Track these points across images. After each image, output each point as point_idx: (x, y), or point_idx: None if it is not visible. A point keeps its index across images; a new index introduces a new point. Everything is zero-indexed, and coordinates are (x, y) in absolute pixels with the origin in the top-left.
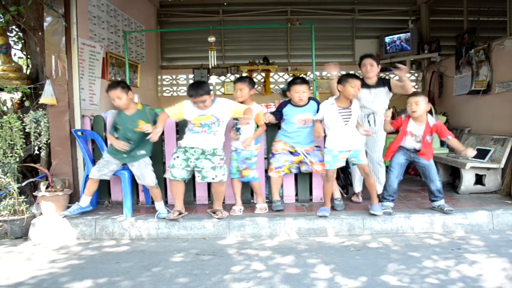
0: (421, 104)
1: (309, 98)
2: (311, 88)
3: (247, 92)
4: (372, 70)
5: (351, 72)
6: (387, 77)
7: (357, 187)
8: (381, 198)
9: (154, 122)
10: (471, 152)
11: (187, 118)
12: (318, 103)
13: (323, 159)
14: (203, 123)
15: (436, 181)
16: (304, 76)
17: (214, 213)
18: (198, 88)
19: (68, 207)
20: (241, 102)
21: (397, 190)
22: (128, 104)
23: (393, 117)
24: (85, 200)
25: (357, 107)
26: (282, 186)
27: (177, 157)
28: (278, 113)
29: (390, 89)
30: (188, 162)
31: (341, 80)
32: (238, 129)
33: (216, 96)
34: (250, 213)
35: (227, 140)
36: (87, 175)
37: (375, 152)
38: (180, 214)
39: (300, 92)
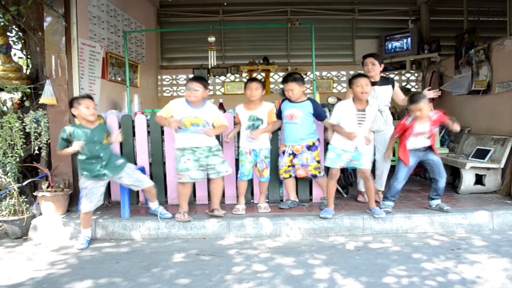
0: (425, 109)
1: (308, 99)
2: (311, 87)
3: (259, 93)
4: (373, 69)
5: (351, 72)
6: (389, 75)
7: (362, 186)
8: (383, 197)
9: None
10: (457, 126)
11: (177, 117)
12: (315, 105)
13: (306, 164)
14: (195, 124)
15: (445, 178)
16: (302, 75)
17: (212, 211)
18: (198, 77)
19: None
20: (252, 101)
21: (400, 192)
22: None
23: (393, 117)
24: (88, 232)
25: (372, 111)
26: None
27: (188, 159)
28: (279, 114)
29: (393, 87)
30: (200, 161)
31: (350, 83)
32: (254, 128)
33: (206, 100)
34: (250, 212)
35: (231, 142)
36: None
37: (384, 148)
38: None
39: (288, 91)
